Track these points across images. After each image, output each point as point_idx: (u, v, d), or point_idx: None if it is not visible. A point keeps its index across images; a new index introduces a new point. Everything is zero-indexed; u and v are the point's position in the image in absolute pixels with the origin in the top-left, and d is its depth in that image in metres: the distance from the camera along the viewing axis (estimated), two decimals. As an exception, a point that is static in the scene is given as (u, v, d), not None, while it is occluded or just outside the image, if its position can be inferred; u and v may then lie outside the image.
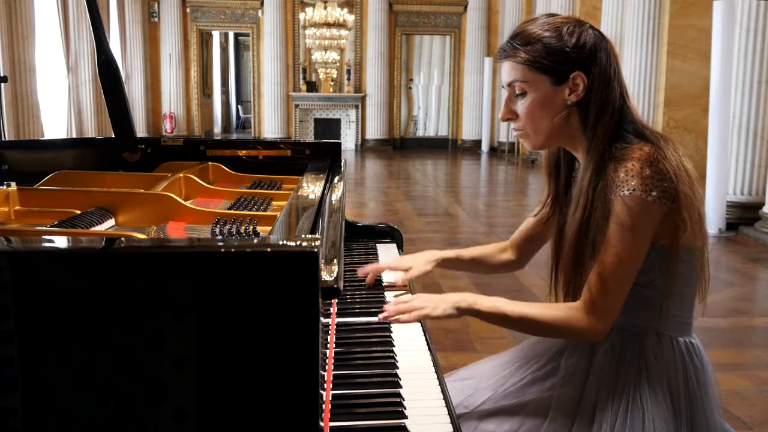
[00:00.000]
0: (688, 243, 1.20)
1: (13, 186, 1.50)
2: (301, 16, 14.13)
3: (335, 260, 0.96)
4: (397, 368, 1.09)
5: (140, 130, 13.14)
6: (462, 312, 1.26)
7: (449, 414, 0.97)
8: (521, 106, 1.25)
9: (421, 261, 1.53)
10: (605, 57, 1.22)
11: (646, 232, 1.16)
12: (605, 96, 1.22)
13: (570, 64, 1.21)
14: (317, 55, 14.77)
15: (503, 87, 1.29)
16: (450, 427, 0.94)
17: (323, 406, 0.90)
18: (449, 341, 3.14)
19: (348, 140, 14.98)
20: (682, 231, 1.17)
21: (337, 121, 15.27)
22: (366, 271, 1.53)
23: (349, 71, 15.03)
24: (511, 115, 1.27)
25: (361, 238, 1.89)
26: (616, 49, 1.26)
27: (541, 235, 1.48)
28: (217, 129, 18.57)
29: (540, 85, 1.22)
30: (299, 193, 1.37)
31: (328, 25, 13.61)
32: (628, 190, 1.15)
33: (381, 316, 1.28)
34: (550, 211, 1.39)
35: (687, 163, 1.19)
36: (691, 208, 1.17)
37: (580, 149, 1.28)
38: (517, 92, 1.25)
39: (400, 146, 15.36)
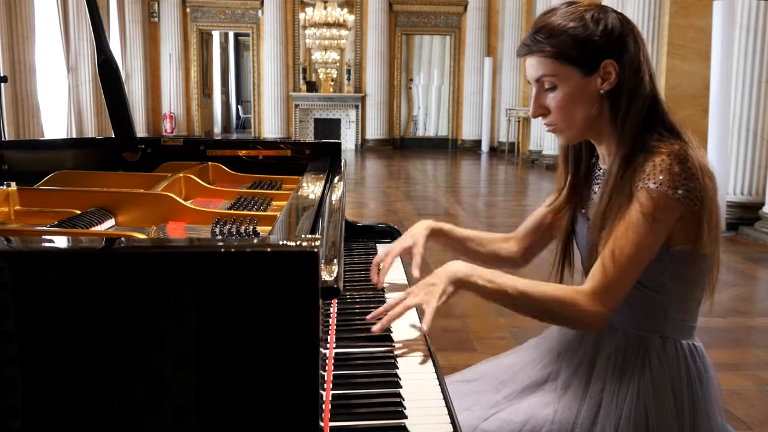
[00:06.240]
0: (704, 249, 1.18)
1: (13, 186, 1.50)
2: (301, 16, 14.13)
3: (335, 260, 0.96)
4: (397, 368, 1.09)
5: (140, 130, 13.13)
6: (460, 286, 1.19)
7: (449, 414, 0.97)
8: (552, 100, 1.21)
9: (419, 232, 1.44)
10: (633, 42, 1.19)
11: (664, 227, 1.14)
12: (636, 83, 1.18)
13: (600, 53, 1.17)
14: (317, 55, 14.76)
15: (529, 83, 1.25)
16: (450, 427, 0.93)
17: (323, 406, 0.90)
18: (449, 341, 3.14)
19: (348, 140, 14.97)
20: (700, 236, 1.15)
21: (337, 121, 15.25)
22: (373, 271, 1.44)
23: (349, 71, 15.02)
24: (542, 110, 1.23)
25: (361, 238, 1.89)
26: (642, 34, 1.22)
27: (551, 229, 1.43)
28: (217, 129, 18.56)
29: (570, 78, 1.19)
30: (299, 193, 1.37)
31: (328, 25, 13.60)
32: (654, 183, 1.12)
33: (375, 328, 1.17)
34: (565, 201, 1.35)
35: (709, 165, 1.17)
36: (711, 213, 1.15)
37: (606, 141, 1.25)
38: (547, 86, 1.21)
39: (400, 146, 15.35)
